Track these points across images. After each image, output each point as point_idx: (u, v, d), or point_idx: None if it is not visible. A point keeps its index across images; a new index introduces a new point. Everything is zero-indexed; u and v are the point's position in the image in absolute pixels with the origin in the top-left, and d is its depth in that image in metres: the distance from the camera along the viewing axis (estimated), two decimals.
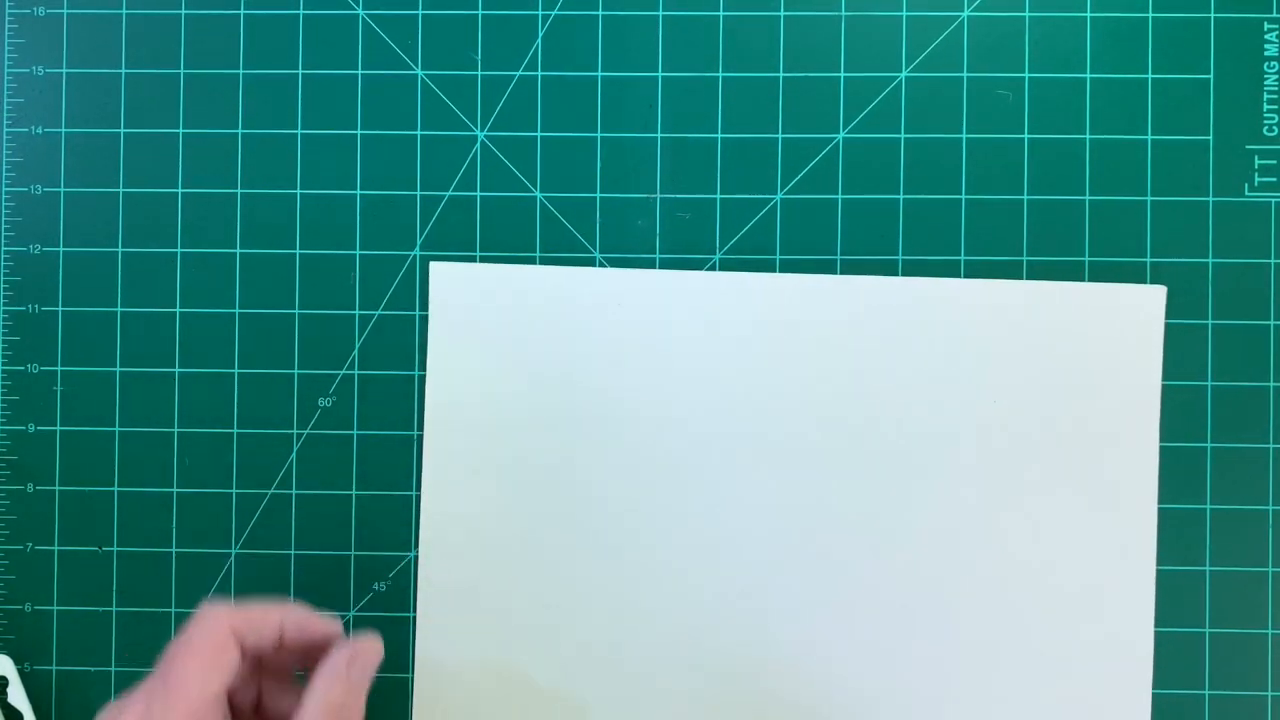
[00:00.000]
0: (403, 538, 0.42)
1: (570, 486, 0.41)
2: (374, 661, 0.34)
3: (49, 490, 0.42)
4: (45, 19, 0.42)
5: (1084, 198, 0.41)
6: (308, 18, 0.42)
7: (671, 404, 0.41)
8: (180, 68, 0.42)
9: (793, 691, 0.41)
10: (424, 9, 0.42)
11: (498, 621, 0.41)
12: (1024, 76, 0.41)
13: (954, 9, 0.42)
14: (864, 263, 0.41)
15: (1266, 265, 0.41)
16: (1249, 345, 0.41)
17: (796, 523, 0.41)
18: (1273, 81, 0.41)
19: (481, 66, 0.42)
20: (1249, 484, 0.41)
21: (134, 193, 0.42)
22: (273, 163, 0.42)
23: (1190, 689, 0.41)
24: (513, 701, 0.41)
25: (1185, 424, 0.41)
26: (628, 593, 0.41)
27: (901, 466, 0.41)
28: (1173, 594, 0.41)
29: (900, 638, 0.41)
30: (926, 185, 0.41)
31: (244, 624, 0.33)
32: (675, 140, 0.42)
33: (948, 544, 0.41)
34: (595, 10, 0.42)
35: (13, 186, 0.42)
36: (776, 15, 0.42)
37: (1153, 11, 0.42)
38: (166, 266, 0.42)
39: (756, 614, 0.41)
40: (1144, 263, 0.41)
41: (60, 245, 0.42)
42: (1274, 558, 0.41)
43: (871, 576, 0.41)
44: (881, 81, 0.42)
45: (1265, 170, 0.41)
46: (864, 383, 0.41)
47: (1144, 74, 0.41)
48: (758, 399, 0.41)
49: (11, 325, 0.42)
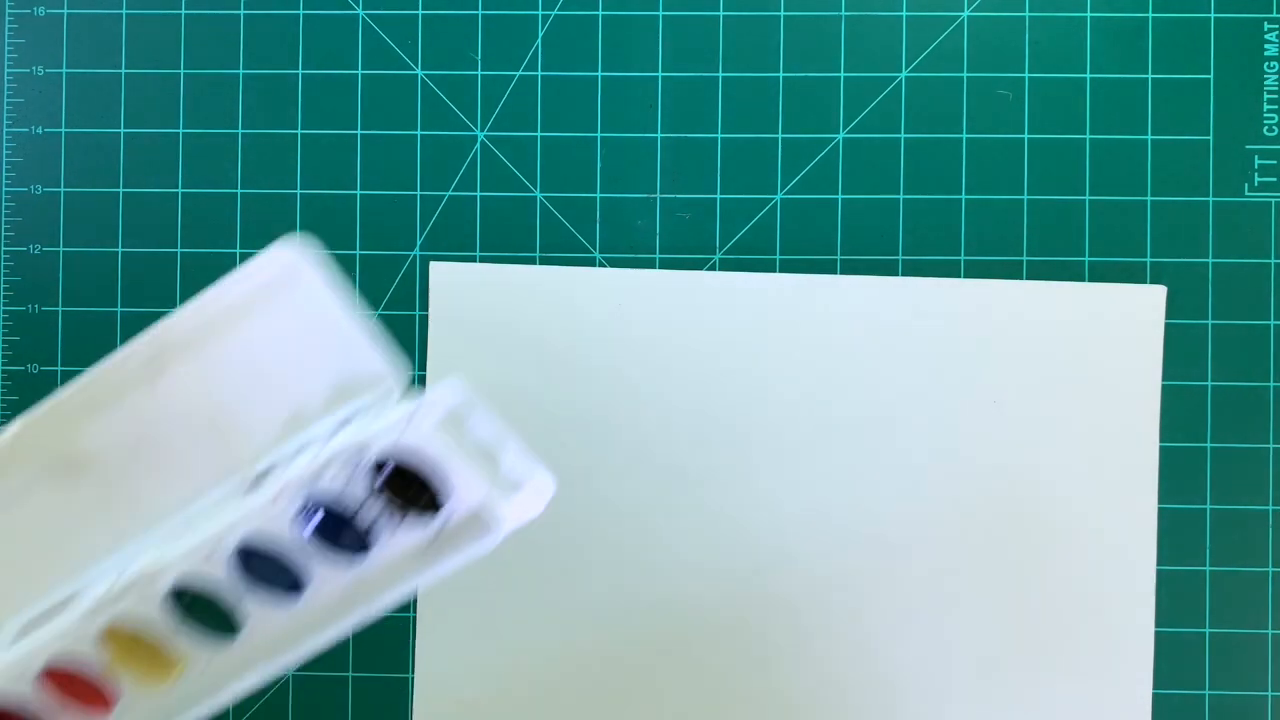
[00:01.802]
0: None
1: (570, 486, 0.41)
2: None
3: None
4: (45, 19, 0.42)
5: (1084, 198, 0.41)
6: (308, 18, 0.42)
7: (671, 403, 0.41)
8: (180, 68, 0.42)
9: (792, 691, 0.41)
10: (424, 9, 0.42)
11: (498, 621, 0.41)
12: (1024, 76, 0.41)
13: (954, 9, 0.42)
14: (864, 263, 0.41)
15: (1266, 265, 0.41)
16: (1249, 345, 0.41)
17: (796, 522, 0.41)
18: (1273, 81, 0.41)
19: (481, 66, 0.42)
20: (1249, 484, 0.41)
21: (134, 193, 0.42)
22: (273, 163, 0.42)
23: (1190, 689, 0.41)
24: (513, 702, 0.41)
25: (1185, 424, 0.41)
26: (628, 592, 0.41)
27: (901, 466, 0.41)
28: (1173, 594, 0.41)
29: (899, 637, 0.41)
30: (926, 185, 0.41)
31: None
32: (675, 140, 0.42)
33: (946, 544, 0.41)
34: (595, 10, 0.42)
35: (13, 186, 0.42)
36: (776, 15, 0.42)
37: (1153, 11, 0.42)
38: (166, 266, 0.42)
39: (756, 612, 0.41)
40: (1144, 263, 0.41)
41: (60, 245, 0.42)
42: (1274, 558, 0.41)
43: (870, 576, 0.41)
44: (881, 81, 0.42)
45: (1265, 170, 0.41)
46: (864, 383, 0.41)
47: (1144, 74, 0.41)
48: (757, 399, 0.41)
49: (11, 325, 0.42)
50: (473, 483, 0.29)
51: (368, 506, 0.29)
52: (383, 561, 0.30)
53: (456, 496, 0.29)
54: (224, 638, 0.30)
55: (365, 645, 0.41)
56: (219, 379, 0.30)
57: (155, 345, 0.29)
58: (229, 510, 0.29)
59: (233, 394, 0.30)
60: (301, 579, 0.30)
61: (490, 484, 0.30)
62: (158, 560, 0.29)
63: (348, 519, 0.29)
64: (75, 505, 0.30)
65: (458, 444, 0.29)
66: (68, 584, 0.30)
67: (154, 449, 0.30)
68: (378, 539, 0.30)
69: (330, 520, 0.29)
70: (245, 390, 0.30)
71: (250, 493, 0.30)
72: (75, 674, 0.30)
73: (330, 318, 0.30)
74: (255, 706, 0.41)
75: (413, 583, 0.30)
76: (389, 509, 0.29)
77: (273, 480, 0.29)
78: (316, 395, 0.30)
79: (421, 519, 0.30)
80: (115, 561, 0.30)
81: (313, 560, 0.30)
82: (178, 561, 0.29)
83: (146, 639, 0.30)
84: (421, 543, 0.30)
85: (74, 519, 0.30)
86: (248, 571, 0.30)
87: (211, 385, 0.30)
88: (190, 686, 0.30)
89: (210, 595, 0.30)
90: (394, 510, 0.29)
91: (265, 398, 0.30)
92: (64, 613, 0.30)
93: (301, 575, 0.30)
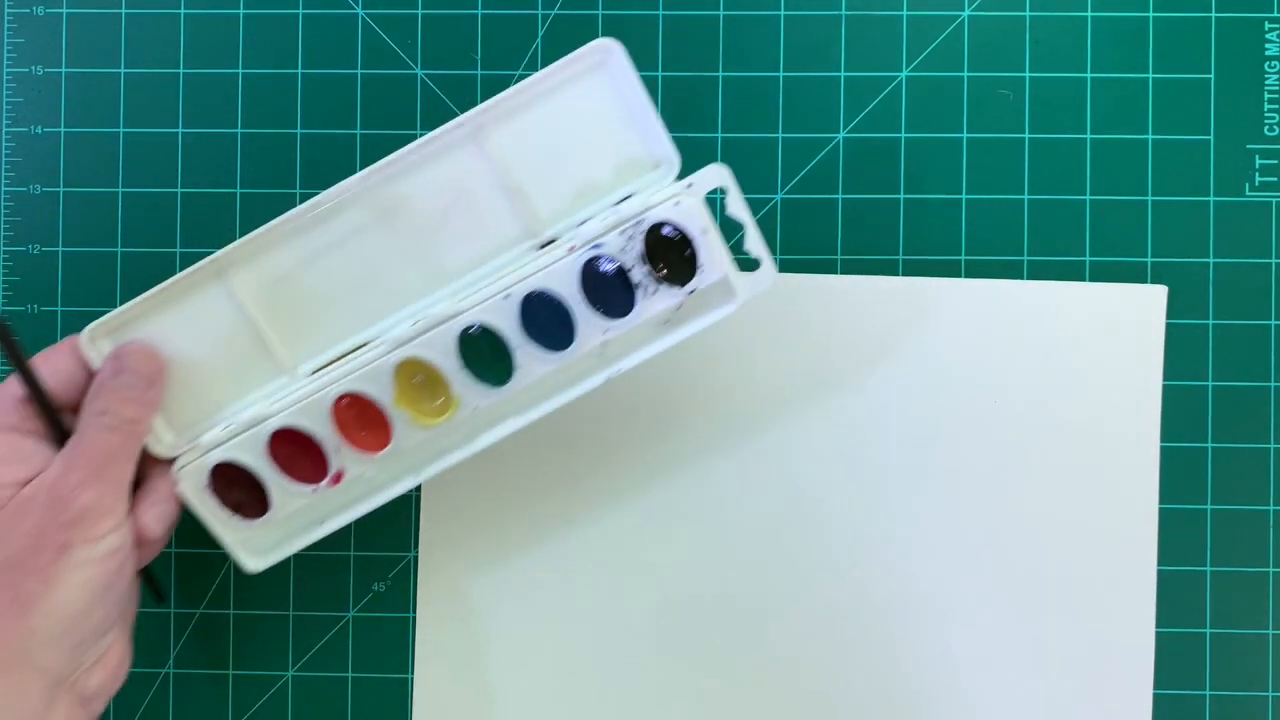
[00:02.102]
0: (403, 538, 0.42)
1: (570, 487, 0.41)
2: (143, 366, 0.34)
3: None
4: (45, 18, 0.42)
5: (1084, 198, 0.41)
6: (308, 18, 0.42)
7: (672, 403, 0.41)
8: (180, 68, 0.42)
9: (792, 692, 0.41)
10: (424, 9, 0.42)
11: (498, 622, 0.41)
12: (1024, 76, 0.41)
13: (954, 9, 0.42)
14: (864, 263, 0.41)
15: (1267, 265, 0.41)
16: (1249, 345, 0.41)
17: (795, 523, 0.41)
18: (1273, 81, 0.41)
19: (481, 66, 0.42)
20: (1249, 484, 0.41)
21: (133, 192, 0.42)
22: (272, 162, 0.42)
23: (1190, 689, 0.41)
24: (512, 701, 0.41)
25: (1185, 424, 0.41)
26: (627, 592, 0.41)
27: (901, 466, 0.41)
28: (1173, 594, 0.41)
29: (900, 636, 0.41)
30: (926, 185, 0.41)
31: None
32: (675, 140, 0.42)
33: (948, 544, 0.41)
34: (595, 10, 0.42)
35: (12, 186, 0.42)
36: (776, 15, 0.42)
37: (1153, 11, 0.41)
38: (166, 266, 0.42)
39: (756, 614, 0.41)
40: (1144, 263, 0.41)
41: (60, 244, 0.42)
42: (1274, 558, 0.41)
43: (871, 576, 0.41)
44: (881, 81, 0.42)
45: (1265, 170, 0.41)
46: (864, 382, 0.41)
47: (1144, 74, 0.41)
48: (757, 398, 0.41)
49: (11, 325, 0.42)
50: (721, 256, 0.35)
51: (637, 268, 0.35)
52: (640, 320, 0.35)
53: (708, 266, 0.35)
54: (496, 384, 0.35)
55: (365, 645, 0.41)
56: (526, 149, 0.35)
57: (480, 115, 0.35)
58: (519, 266, 0.35)
59: (535, 165, 0.35)
60: (574, 330, 0.35)
61: (732, 260, 0.35)
62: (453, 306, 0.35)
63: (621, 276, 0.35)
64: (390, 251, 0.36)
65: (713, 222, 0.35)
66: (367, 330, 0.36)
67: (462, 209, 0.35)
68: (641, 299, 0.35)
69: (606, 276, 0.35)
70: (545, 162, 0.35)
71: (539, 253, 0.35)
72: (365, 406, 0.35)
73: (628, 101, 0.35)
74: (255, 706, 0.42)
75: (663, 343, 0.36)
76: (652, 273, 0.35)
77: (561, 243, 0.35)
78: (605, 171, 0.36)
79: (675, 286, 0.35)
80: (413, 310, 0.36)
81: (584, 315, 0.35)
82: (470, 307, 0.35)
83: (432, 378, 0.35)
84: (673, 306, 0.36)
85: (387, 263, 0.36)
86: (528, 321, 0.35)
87: (519, 155, 0.35)
88: (455, 432, 0.36)
89: (494, 340, 0.35)
90: (656, 274, 0.35)
91: (561, 171, 0.35)
92: (361, 354, 0.35)
93: (574, 327, 0.35)
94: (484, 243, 0.36)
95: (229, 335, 0.35)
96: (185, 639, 0.42)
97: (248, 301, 0.35)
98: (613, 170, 0.36)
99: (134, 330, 0.35)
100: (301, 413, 0.35)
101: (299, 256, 0.35)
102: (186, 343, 0.35)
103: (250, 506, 0.36)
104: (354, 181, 0.35)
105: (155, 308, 0.35)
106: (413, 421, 0.35)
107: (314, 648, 0.42)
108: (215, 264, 0.35)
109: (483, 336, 0.35)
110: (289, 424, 0.35)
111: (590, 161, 0.35)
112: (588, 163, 0.35)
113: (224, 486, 0.35)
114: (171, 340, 0.35)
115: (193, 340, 0.35)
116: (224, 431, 0.35)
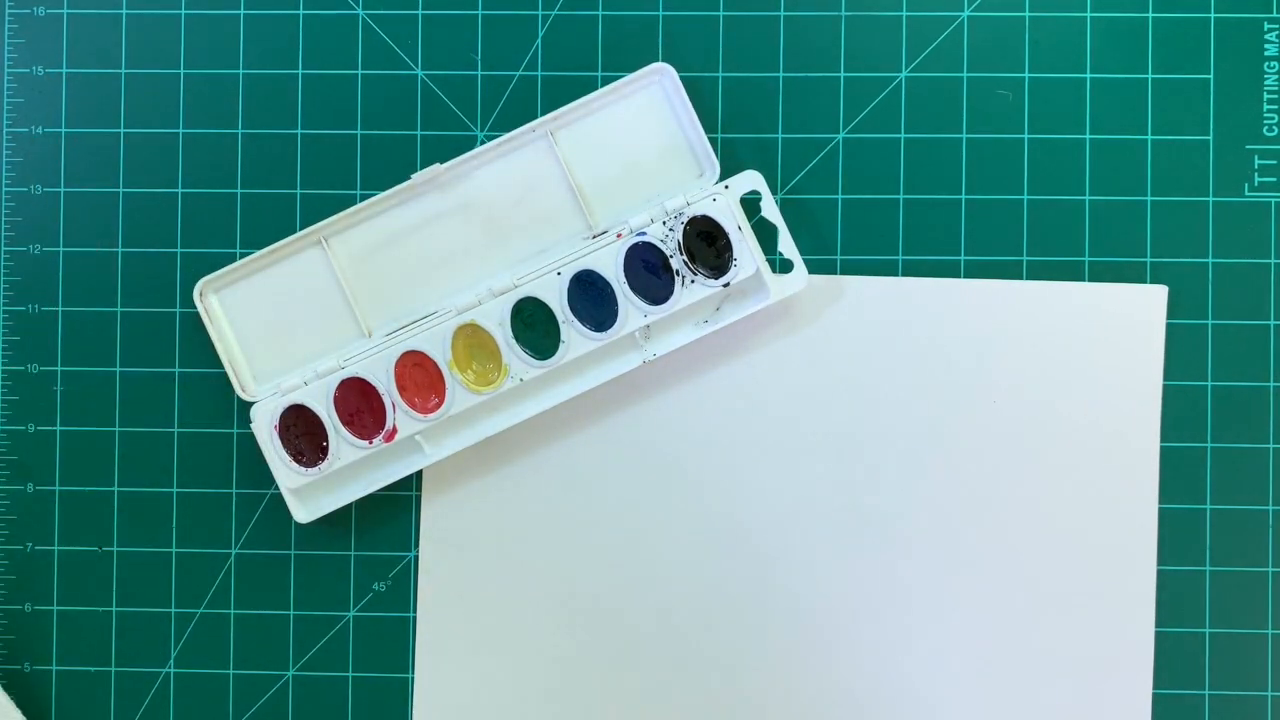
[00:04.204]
0: (403, 538, 0.42)
1: (570, 487, 0.41)
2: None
3: (49, 490, 0.42)
4: (45, 19, 0.42)
5: (1084, 198, 0.41)
6: (308, 18, 0.42)
7: (672, 404, 0.41)
8: (180, 68, 0.42)
9: (793, 691, 0.41)
10: (424, 9, 0.42)
11: (498, 621, 0.41)
12: (1024, 76, 0.41)
13: (954, 9, 0.42)
14: (864, 263, 0.41)
15: (1266, 265, 0.41)
16: (1249, 345, 0.41)
17: (795, 523, 0.41)
18: (1273, 81, 0.41)
19: (481, 66, 0.42)
20: (1249, 484, 0.41)
21: (134, 192, 0.42)
22: (273, 162, 0.42)
23: (1190, 689, 0.41)
24: (512, 701, 0.41)
25: (1185, 424, 0.41)
26: (628, 592, 0.41)
27: (901, 466, 0.41)
28: (1173, 594, 0.41)
29: (900, 637, 0.41)
30: (926, 185, 0.41)
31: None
32: None
33: (947, 544, 0.41)
34: (595, 10, 0.42)
35: (13, 186, 0.42)
36: (776, 15, 0.42)
37: (1153, 11, 0.42)
38: (166, 267, 0.42)
39: (756, 613, 0.41)
40: (1144, 263, 0.41)
41: (60, 245, 0.42)
42: (1274, 558, 0.41)
43: (871, 576, 0.41)
44: (881, 81, 0.42)
45: (1265, 170, 0.41)
46: (864, 383, 0.41)
47: (1144, 74, 0.41)
48: (757, 398, 0.41)
49: (11, 325, 0.42)
50: (754, 254, 0.40)
51: (675, 256, 0.39)
52: (679, 308, 0.39)
53: (741, 262, 0.39)
54: (544, 357, 0.39)
55: (365, 645, 0.42)
56: (588, 153, 0.41)
57: (551, 121, 0.40)
58: (572, 250, 0.40)
59: (595, 166, 0.41)
60: (616, 311, 0.39)
61: (764, 260, 0.40)
62: (510, 280, 0.40)
63: (662, 264, 0.39)
64: (464, 235, 0.41)
65: (746, 223, 0.40)
66: (437, 304, 0.41)
67: (530, 201, 0.41)
68: (679, 287, 0.39)
69: (649, 264, 0.39)
70: (604, 165, 0.41)
71: (591, 242, 0.40)
72: (425, 365, 0.40)
73: (678, 116, 0.40)
74: (255, 706, 0.42)
75: (699, 332, 0.40)
76: (690, 264, 0.39)
77: (610, 232, 0.40)
78: (654, 175, 0.41)
79: (710, 279, 0.39)
80: (478, 287, 0.40)
81: (627, 299, 0.39)
82: (525, 283, 0.40)
83: (487, 346, 0.40)
84: (709, 303, 0.40)
85: (460, 245, 0.41)
86: (575, 299, 0.40)
87: (582, 157, 0.41)
88: (503, 399, 0.40)
89: (544, 313, 0.40)
90: (693, 266, 0.39)
91: (616, 173, 0.41)
92: (428, 322, 0.40)
93: (617, 308, 0.39)
94: (546, 232, 0.41)
95: (320, 297, 0.41)
96: (185, 639, 0.42)
97: (341, 267, 0.41)
98: (661, 175, 0.41)
99: (241, 286, 0.41)
100: (368, 367, 0.40)
101: (387, 232, 0.41)
102: (282, 299, 0.41)
103: (309, 456, 0.40)
104: (440, 169, 0.40)
105: (262, 266, 0.41)
106: (465, 384, 0.40)
107: (314, 648, 0.42)
108: (317, 232, 0.40)
109: (535, 309, 0.40)
110: (356, 374, 0.40)
111: (642, 166, 0.41)
112: (640, 167, 0.41)
113: (290, 434, 0.40)
114: (269, 296, 0.41)
115: (287, 297, 0.41)
116: (299, 379, 0.40)
